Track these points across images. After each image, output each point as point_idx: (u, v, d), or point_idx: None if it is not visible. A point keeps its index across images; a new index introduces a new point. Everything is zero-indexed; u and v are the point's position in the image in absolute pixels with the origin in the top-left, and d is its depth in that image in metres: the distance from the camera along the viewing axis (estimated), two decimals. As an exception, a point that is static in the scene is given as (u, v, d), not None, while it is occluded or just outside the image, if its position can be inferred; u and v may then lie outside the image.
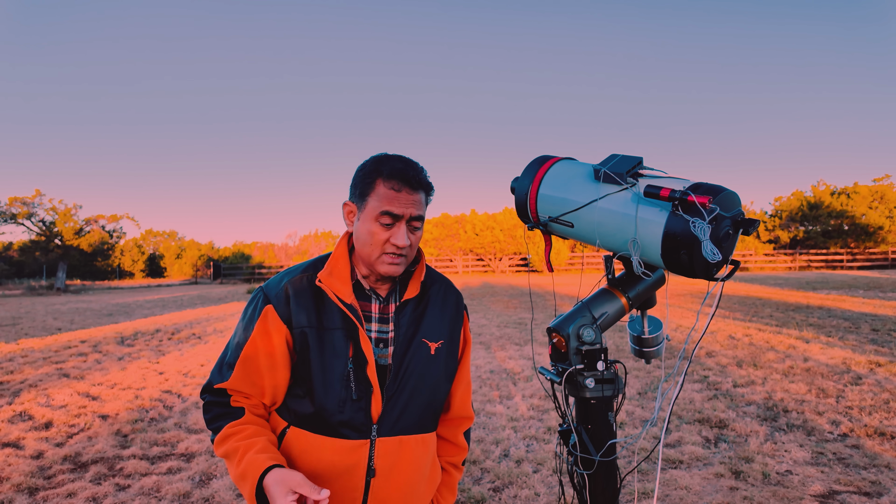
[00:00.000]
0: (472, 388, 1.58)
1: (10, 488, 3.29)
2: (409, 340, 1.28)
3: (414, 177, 1.23)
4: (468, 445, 1.49)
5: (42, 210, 30.70)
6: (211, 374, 1.28)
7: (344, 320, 1.23)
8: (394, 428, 1.24)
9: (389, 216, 1.20)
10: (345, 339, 1.22)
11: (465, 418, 1.45)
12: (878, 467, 3.36)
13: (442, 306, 1.36)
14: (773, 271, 31.86)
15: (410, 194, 1.22)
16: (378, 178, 1.22)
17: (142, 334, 9.81)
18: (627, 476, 2.55)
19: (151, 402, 5.20)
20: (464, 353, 1.43)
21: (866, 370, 5.76)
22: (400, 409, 1.25)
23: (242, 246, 45.19)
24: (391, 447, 1.24)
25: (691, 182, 1.03)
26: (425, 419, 1.31)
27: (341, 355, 1.21)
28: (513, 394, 5.25)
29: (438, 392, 1.33)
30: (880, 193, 34.48)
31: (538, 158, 1.30)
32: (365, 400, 1.22)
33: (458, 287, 1.46)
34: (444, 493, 1.43)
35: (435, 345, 1.31)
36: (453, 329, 1.37)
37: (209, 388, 1.27)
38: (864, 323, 8.98)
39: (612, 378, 1.23)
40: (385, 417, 1.23)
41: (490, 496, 3.14)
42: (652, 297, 1.34)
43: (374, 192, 1.22)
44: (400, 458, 1.25)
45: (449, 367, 1.36)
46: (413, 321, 1.30)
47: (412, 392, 1.26)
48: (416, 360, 1.28)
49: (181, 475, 3.49)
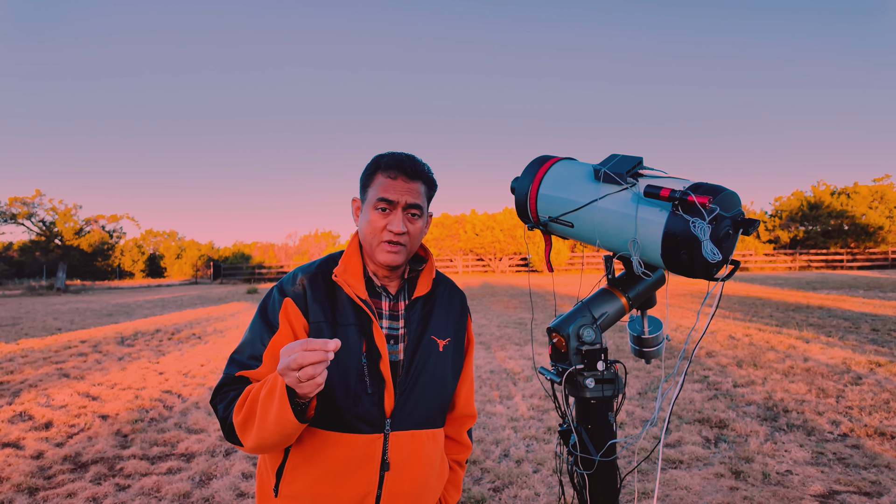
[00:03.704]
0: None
1: (10, 488, 3.29)
2: (420, 337, 1.31)
3: (410, 166, 1.27)
4: (471, 444, 1.52)
5: (42, 210, 30.73)
6: (227, 369, 1.24)
7: (357, 316, 1.26)
8: (406, 422, 1.26)
9: (385, 202, 1.24)
10: (358, 334, 1.24)
11: (469, 416, 1.49)
12: (878, 467, 3.36)
13: (448, 305, 1.40)
14: (773, 271, 31.85)
15: (407, 182, 1.25)
16: (377, 170, 1.28)
17: (142, 334, 9.81)
18: (627, 476, 2.55)
19: (151, 402, 5.20)
20: (468, 352, 1.46)
21: (866, 370, 5.76)
22: (412, 404, 1.27)
23: (242, 246, 45.21)
24: (404, 441, 1.26)
25: (691, 182, 1.03)
26: (435, 414, 1.33)
27: (355, 351, 1.23)
28: (513, 394, 5.25)
29: (447, 388, 1.36)
30: (880, 193, 34.48)
31: (538, 158, 1.29)
32: (378, 394, 1.23)
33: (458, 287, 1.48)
34: (450, 490, 1.45)
35: (443, 342, 1.35)
36: (459, 328, 1.41)
37: (228, 379, 1.22)
38: (864, 323, 8.98)
39: (612, 378, 1.23)
40: (398, 412, 1.25)
41: (490, 496, 3.14)
42: (652, 297, 1.34)
43: (374, 182, 1.27)
44: (413, 452, 1.27)
45: (455, 364, 1.39)
46: (422, 319, 1.33)
47: (423, 387, 1.29)
48: (426, 356, 1.30)
49: (181, 475, 3.49)
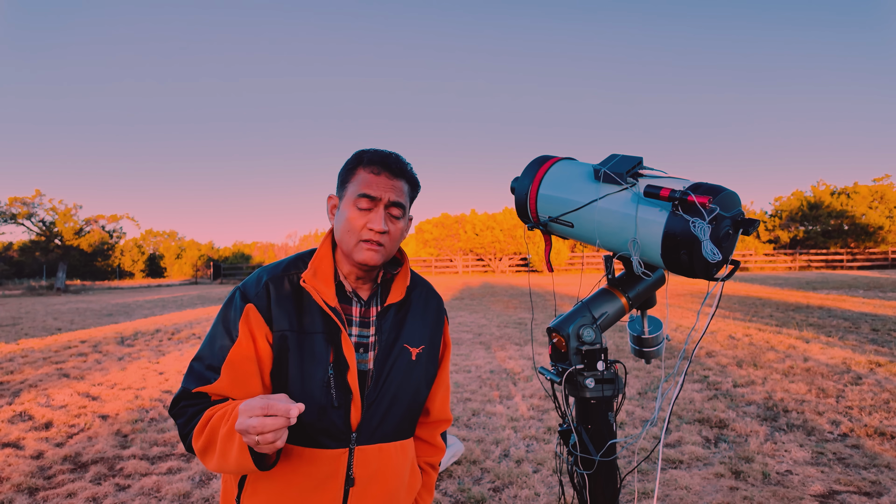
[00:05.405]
0: (458, 390, 1.59)
1: (10, 488, 3.29)
2: (391, 346, 1.24)
3: (395, 162, 1.21)
4: (445, 445, 1.48)
5: (42, 210, 30.70)
6: (185, 382, 1.16)
7: (325, 324, 1.19)
8: (373, 436, 1.21)
9: (367, 199, 1.17)
10: (325, 343, 1.18)
11: (444, 421, 1.44)
12: (878, 467, 3.36)
13: (423, 311, 1.34)
14: (773, 271, 31.85)
15: (390, 179, 1.20)
16: (359, 165, 1.21)
17: (142, 334, 9.81)
18: (627, 476, 2.55)
19: (151, 402, 5.20)
20: (443, 358, 1.40)
21: (866, 370, 5.76)
22: (380, 416, 1.21)
23: (242, 246, 45.23)
24: (370, 455, 1.20)
25: (691, 182, 1.03)
26: (404, 425, 1.28)
27: (322, 361, 1.16)
28: (513, 394, 5.25)
29: (418, 398, 1.31)
30: (880, 193, 34.49)
31: (538, 158, 1.29)
32: (345, 407, 1.17)
33: (458, 287, 1.46)
34: (423, 494, 1.41)
35: (416, 350, 1.28)
36: (434, 334, 1.35)
37: (186, 394, 1.14)
38: (864, 323, 8.98)
39: (612, 378, 1.23)
40: (364, 425, 1.19)
41: (490, 496, 3.14)
42: (652, 297, 1.34)
43: (354, 178, 1.20)
44: (380, 467, 1.21)
45: (429, 372, 1.33)
46: (395, 326, 1.26)
47: (392, 398, 1.23)
48: (397, 366, 1.24)
49: (181, 475, 3.49)
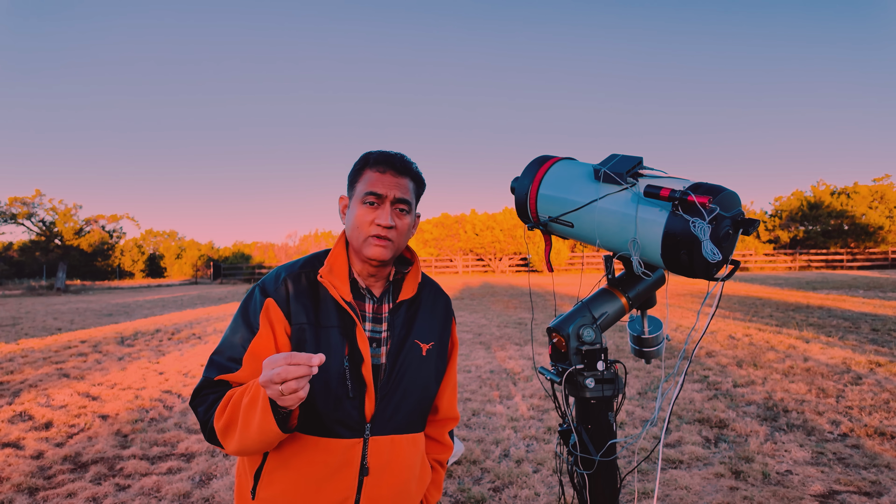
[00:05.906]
0: (458, 390, 1.61)
1: (10, 488, 3.29)
2: (403, 341, 1.30)
3: (399, 161, 1.28)
4: (453, 444, 1.54)
5: (42, 210, 30.73)
6: (206, 373, 1.22)
7: (341, 318, 1.25)
8: (386, 426, 1.26)
9: (373, 195, 1.24)
10: (341, 336, 1.23)
11: (451, 419, 1.50)
12: (878, 467, 3.36)
13: (432, 309, 1.39)
14: (773, 271, 31.85)
15: (395, 177, 1.26)
16: (366, 165, 1.29)
17: (142, 334, 9.81)
18: (627, 476, 2.55)
19: (151, 402, 5.20)
20: (451, 357, 1.46)
21: (866, 370, 5.76)
22: (393, 408, 1.26)
23: (242, 246, 45.24)
24: (384, 446, 1.25)
25: (691, 182, 1.03)
26: (416, 419, 1.33)
27: (337, 353, 1.22)
28: (513, 394, 5.25)
29: (429, 392, 1.36)
30: (880, 193, 34.49)
31: (538, 158, 1.29)
32: (359, 398, 1.23)
33: (458, 287, 1.48)
34: (431, 490, 1.46)
35: (426, 346, 1.34)
36: (443, 332, 1.41)
37: (208, 383, 1.21)
38: (864, 323, 8.98)
39: (612, 378, 1.23)
40: (378, 416, 1.24)
41: (490, 496, 3.14)
42: (652, 296, 1.34)
43: (362, 178, 1.28)
44: (393, 457, 1.26)
45: (438, 368, 1.39)
46: (406, 322, 1.32)
47: (405, 391, 1.28)
48: (409, 361, 1.30)
49: (181, 475, 3.49)
